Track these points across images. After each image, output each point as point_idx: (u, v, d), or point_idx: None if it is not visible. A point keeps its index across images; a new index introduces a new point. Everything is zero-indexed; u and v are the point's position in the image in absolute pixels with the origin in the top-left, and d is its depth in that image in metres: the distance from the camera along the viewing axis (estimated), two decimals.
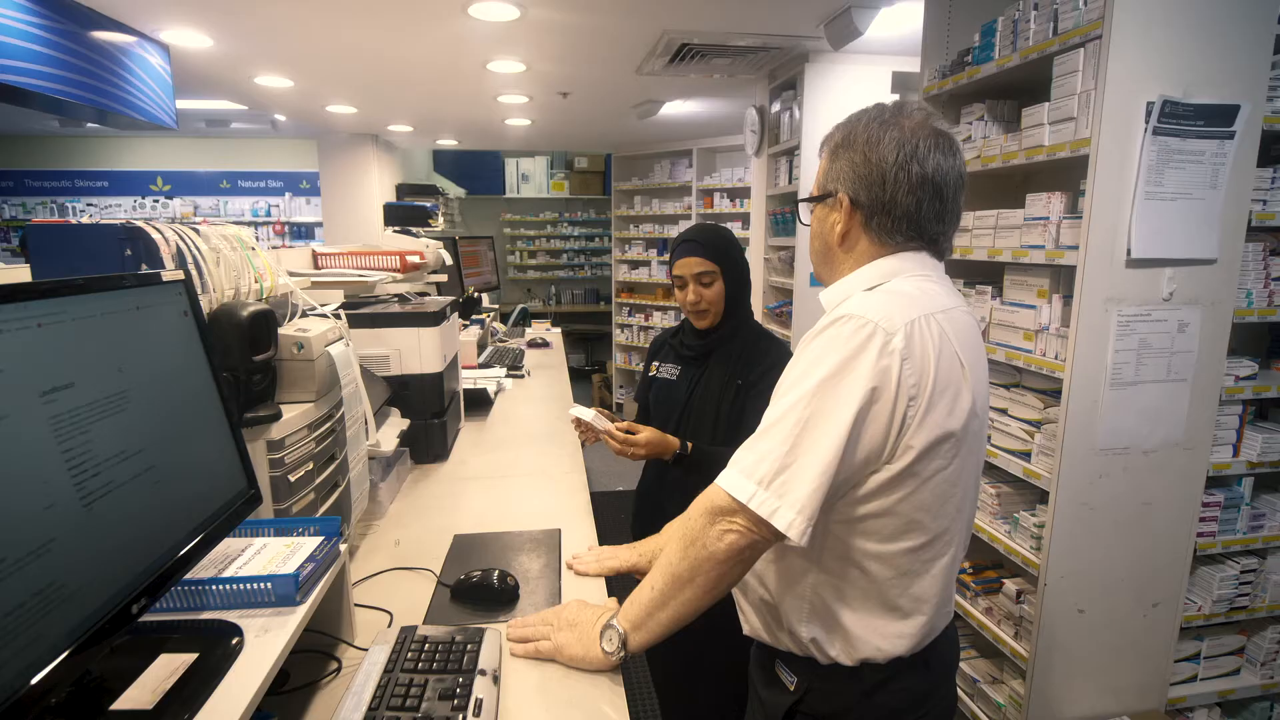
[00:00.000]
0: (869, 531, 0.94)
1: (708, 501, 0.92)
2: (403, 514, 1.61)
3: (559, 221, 7.68)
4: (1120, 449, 1.61)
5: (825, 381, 0.86)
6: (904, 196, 0.94)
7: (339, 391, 1.28)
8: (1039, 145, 1.62)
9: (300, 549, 1.02)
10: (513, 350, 3.47)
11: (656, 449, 1.54)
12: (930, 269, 0.99)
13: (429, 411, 1.90)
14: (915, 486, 0.90)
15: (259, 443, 1.10)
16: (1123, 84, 1.43)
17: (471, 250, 4.11)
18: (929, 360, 0.87)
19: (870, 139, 0.96)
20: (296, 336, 1.18)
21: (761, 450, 0.88)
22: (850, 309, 0.89)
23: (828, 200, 1.01)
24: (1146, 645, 1.78)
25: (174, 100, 2.63)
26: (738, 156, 5.36)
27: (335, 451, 1.31)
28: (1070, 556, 1.66)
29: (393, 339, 1.83)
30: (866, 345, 0.86)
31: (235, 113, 5.08)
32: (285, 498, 1.13)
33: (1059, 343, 1.61)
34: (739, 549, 0.90)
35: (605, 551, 1.34)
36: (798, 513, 0.85)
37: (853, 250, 1.00)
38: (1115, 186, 1.47)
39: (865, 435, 0.87)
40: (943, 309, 0.93)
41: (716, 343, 1.67)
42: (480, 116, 4.52)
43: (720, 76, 3.37)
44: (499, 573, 1.24)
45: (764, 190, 3.52)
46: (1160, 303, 1.56)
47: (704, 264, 1.62)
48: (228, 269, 1.13)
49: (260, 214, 6.98)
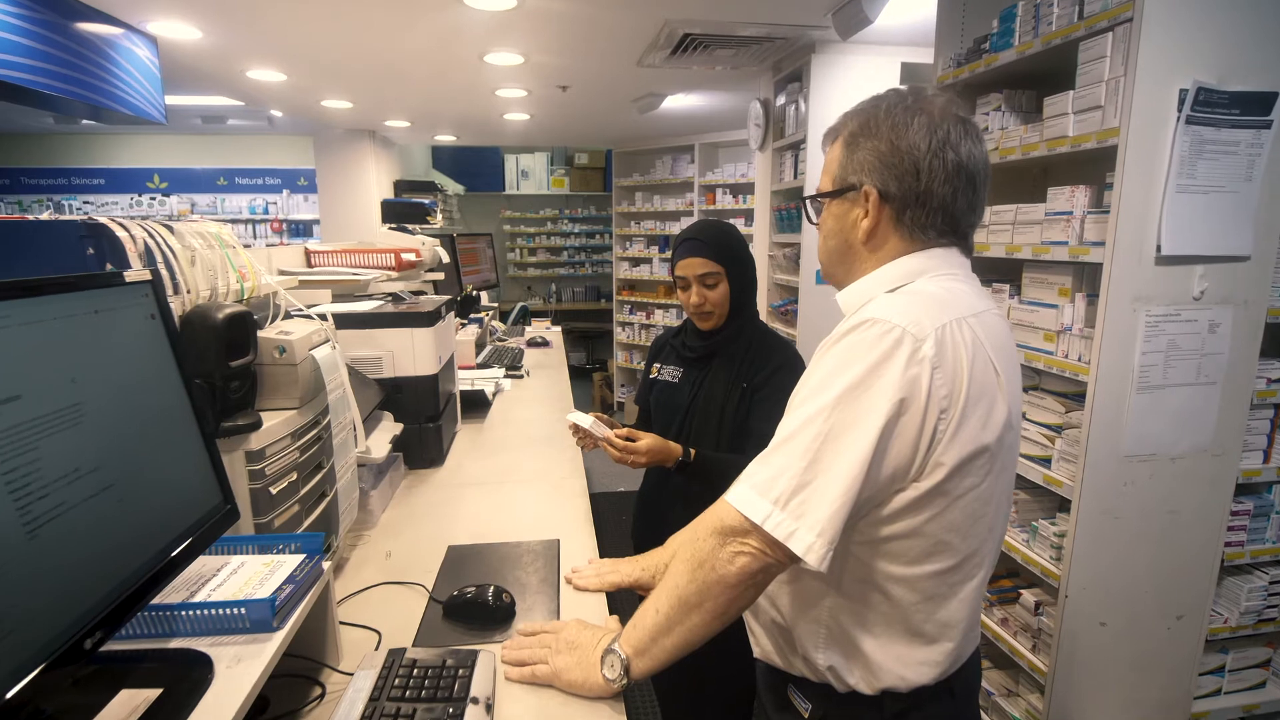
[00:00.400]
0: (893, 554, 0.87)
1: (717, 520, 0.85)
2: (395, 523, 1.54)
3: (559, 218, 7.61)
4: (1146, 455, 1.54)
5: (848, 392, 0.79)
6: (940, 186, 0.87)
7: (325, 397, 1.21)
8: (1062, 136, 1.55)
9: (280, 568, 0.95)
10: (512, 349, 3.40)
11: (658, 456, 1.47)
12: (958, 267, 0.92)
13: (423, 415, 1.83)
14: (945, 505, 0.83)
15: (237, 454, 1.03)
16: (1154, 70, 1.36)
17: (470, 247, 4.04)
18: (961, 368, 0.80)
19: (896, 125, 0.88)
20: (278, 340, 1.11)
21: (777, 465, 0.81)
22: (874, 312, 0.82)
23: (848, 194, 0.92)
24: (1170, 659, 1.71)
25: (163, 94, 2.56)
26: (740, 151, 5.28)
27: (322, 460, 1.25)
28: (1092, 568, 1.59)
29: (385, 340, 1.76)
30: (893, 352, 0.78)
31: (231, 109, 5.01)
32: (266, 511, 1.07)
33: (1082, 344, 1.54)
34: (751, 573, 0.82)
35: (606, 565, 1.27)
36: (817, 536, 0.77)
37: (879, 248, 0.92)
38: (1145, 179, 1.40)
39: (891, 451, 0.79)
40: (974, 312, 0.85)
41: (720, 344, 1.59)
42: (478, 111, 4.44)
43: (723, 69, 3.30)
44: (494, 589, 1.17)
45: (768, 186, 3.44)
46: (1190, 302, 1.48)
47: (708, 265, 1.54)
48: (204, 268, 1.06)
49: (258, 211, 6.92)
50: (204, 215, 6.79)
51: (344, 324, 1.73)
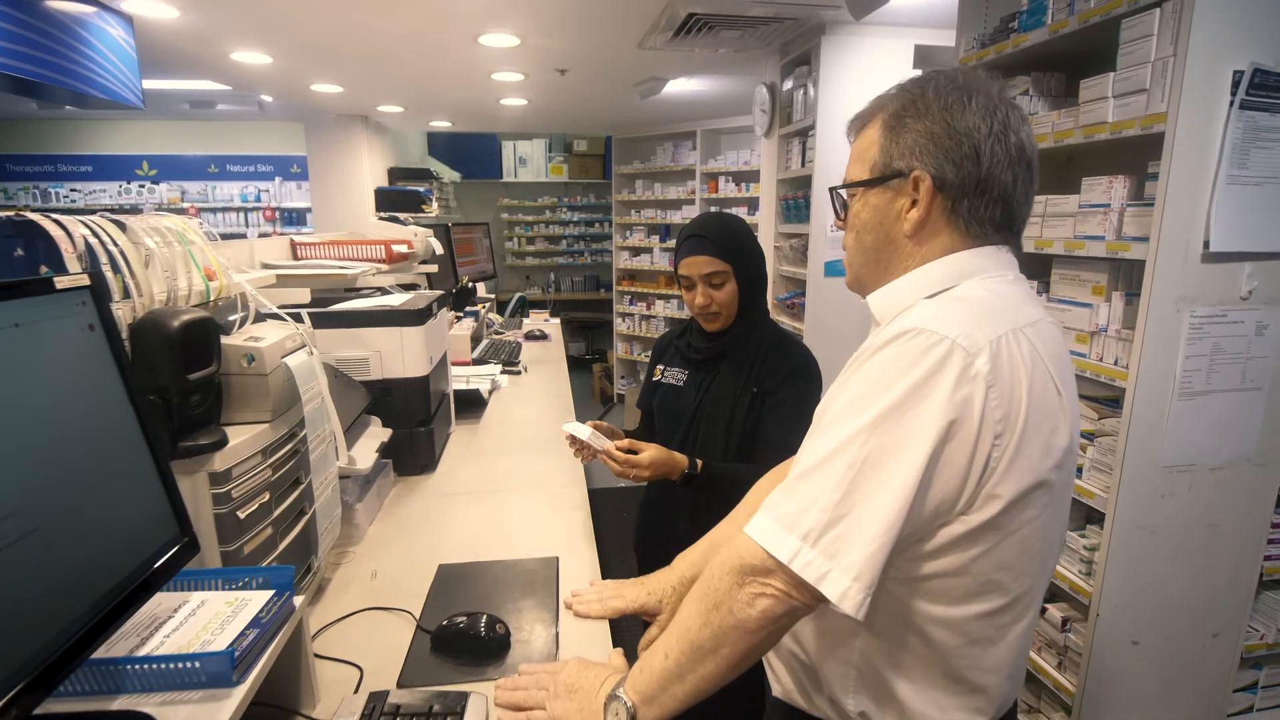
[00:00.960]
0: (935, 593, 0.77)
1: (735, 558, 0.74)
2: (383, 538, 1.44)
3: (558, 206, 7.47)
4: (1186, 466, 1.44)
5: (890, 412, 0.68)
6: (1003, 172, 0.77)
7: (300, 408, 1.10)
8: (1101, 122, 1.43)
9: (246, 607, 0.85)
10: (509, 344, 3.29)
11: (662, 469, 1.37)
12: (1008, 267, 0.81)
13: (414, 419, 1.73)
14: (997, 541, 0.73)
15: (199, 476, 0.92)
16: (1207, 50, 1.24)
17: (466, 237, 3.91)
18: (1019, 388, 0.70)
19: (950, 105, 0.77)
20: (246, 347, 1.01)
21: (806, 496, 0.71)
22: (918, 320, 0.71)
23: (892, 182, 0.81)
24: (1203, 677, 1.62)
25: (140, 78, 2.42)
26: (743, 138, 5.14)
27: (299, 476, 1.14)
28: (1126, 584, 1.49)
29: (372, 340, 1.65)
30: (942, 368, 0.68)
31: (219, 93, 4.87)
32: (234, 538, 0.96)
33: (1119, 346, 1.43)
34: (774, 617, 0.72)
35: (609, 588, 1.17)
36: (854, 579, 0.67)
37: (926, 244, 0.81)
38: (1193, 170, 1.29)
39: (938, 481, 0.69)
40: (1030, 321, 0.75)
41: (728, 345, 1.48)
42: (474, 96, 4.30)
43: (728, 51, 3.16)
44: (487, 618, 1.07)
45: (774, 174, 3.32)
46: (1237, 302, 1.37)
47: (713, 263, 1.42)
48: (161, 269, 0.95)
49: (250, 199, 6.78)
50: (194, 204, 6.65)
51: (327, 323, 1.62)
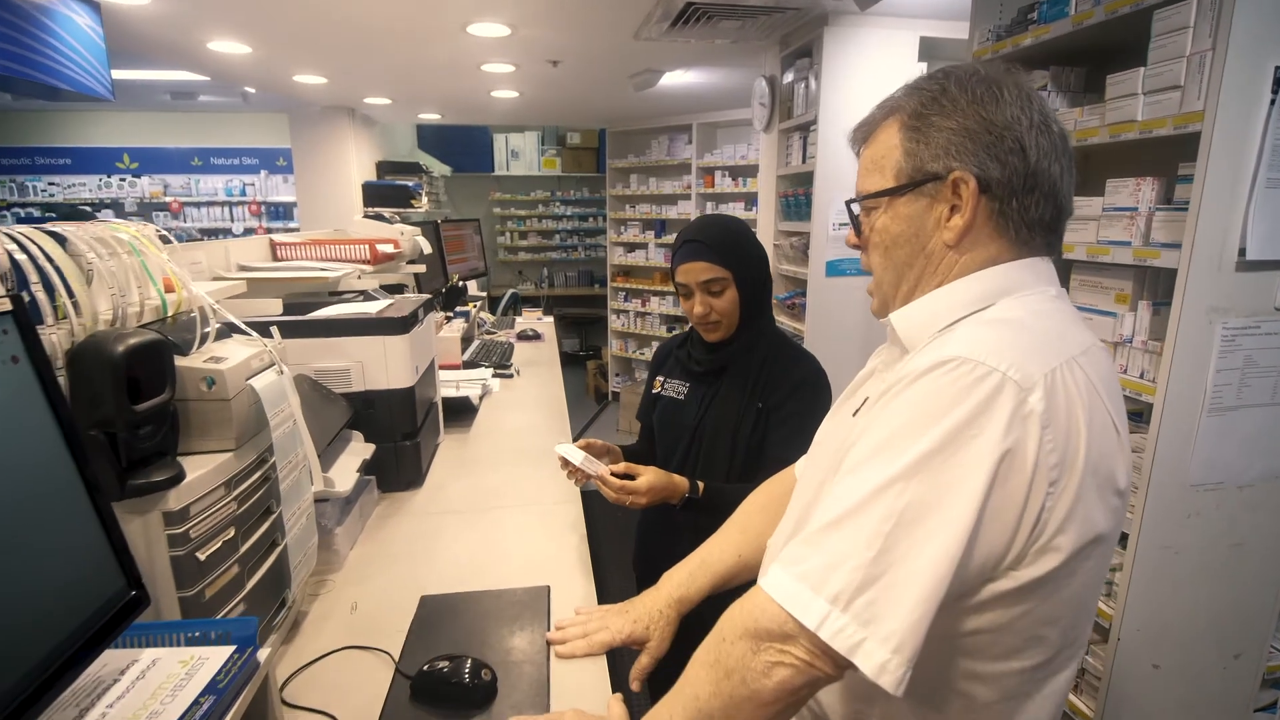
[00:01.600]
0: (972, 650, 0.68)
1: (750, 620, 0.66)
2: (365, 563, 1.35)
3: (551, 201, 7.35)
4: (1214, 485, 1.37)
5: (931, 457, 0.60)
6: (1050, 165, 0.69)
7: (269, 434, 1.01)
8: (1129, 120, 1.35)
9: (202, 668, 0.75)
10: (501, 344, 3.19)
11: (661, 495, 1.28)
12: (1049, 282, 0.73)
13: (399, 433, 1.63)
14: (1047, 596, 0.65)
15: (152, 516, 0.83)
16: (1248, 44, 1.16)
17: (456, 235, 3.81)
18: (1077, 427, 0.61)
19: (979, 96, 0.69)
20: (205, 370, 0.91)
21: (834, 551, 0.62)
22: (962, 349, 0.62)
23: (926, 188, 0.72)
24: (1224, 700, 1.55)
25: (109, 68, 2.30)
26: (740, 132, 5.04)
27: (269, 506, 1.05)
28: (1149, 607, 1.42)
29: (353, 350, 1.56)
30: (991, 406, 0.59)
31: (200, 84, 4.73)
32: (193, 581, 0.87)
33: (1146, 359, 1.36)
34: (793, 688, 0.64)
35: (594, 620, 1.08)
36: (893, 652, 0.59)
37: (966, 254, 0.72)
38: (1231, 172, 1.21)
39: (986, 535, 0.61)
40: (1083, 349, 0.66)
41: (731, 357, 1.40)
42: (464, 88, 4.18)
43: (726, 43, 3.06)
44: (472, 663, 0.98)
45: (774, 169, 3.23)
46: (1271, 313, 1.30)
47: (712, 269, 1.33)
48: (106, 284, 0.85)
49: (235, 193, 6.64)
50: (177, 198, 6.50)
51: (304, 332, 1.53)
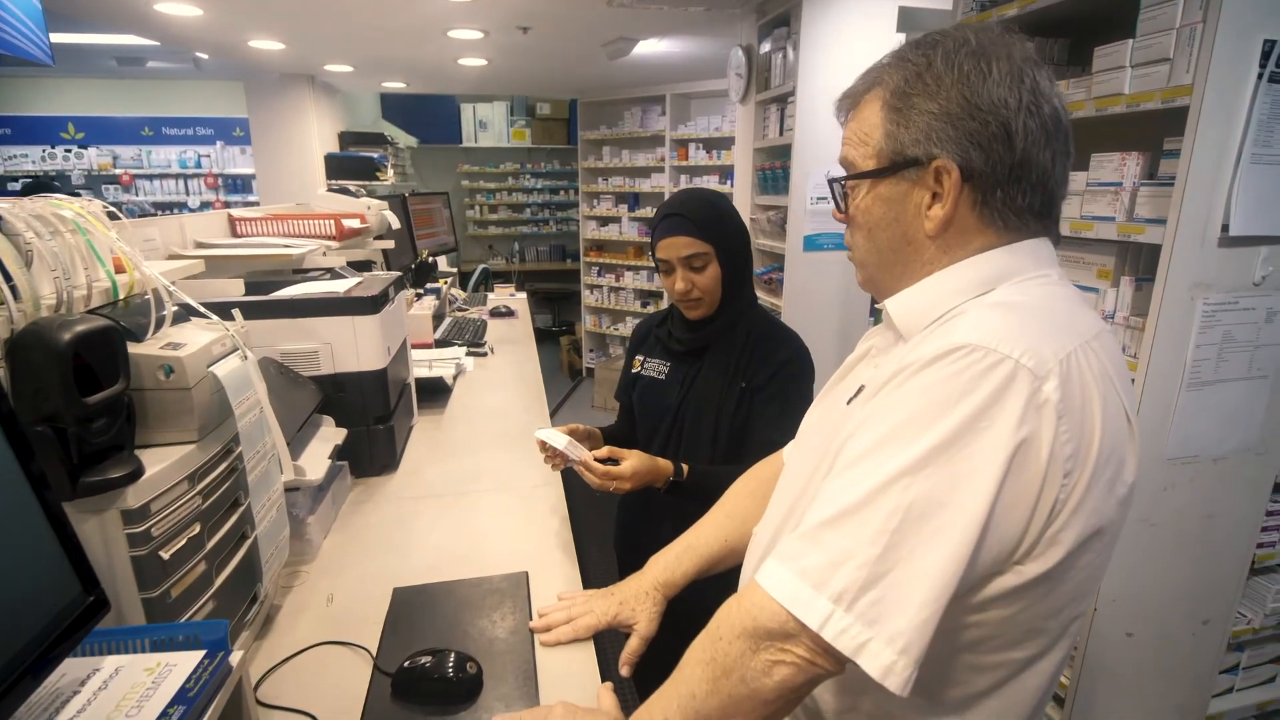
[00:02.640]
0: (974, 644, 0.67)
1: (748, 619, 0.63)
2: (340, 553, 1.30)
3: (521, 173, 7.20)
4: (1189, 458, 1.39)
5: (940, 449, 0.57)
6: (1040, 152, 0.65)
7: (234, 423, 0.95)
8: (1116, 94, 1.33)
9: (170, 675, 0.71)
10: (474, 322, 3.12)
11: (645, 479, 1.25)
12: (1049, 264, 0.70)
13: (372, 416, 1.58)
14: (1050, 590, 0.63)
15: (109, 515, 0.77)
16: (1238, 16, 1.14)
17: (424, 209, 3.70)
18: (1092, 416, 0.59)
19: (967, 74, 0.65)
20: (162, 357, 0.85)
21: (837, 548, 0.60)
22: (971, 334, 0.60)
23: (907, 172, 0.69)
24: (1193, 664, 1.60)
25: (47, 30, 2.15)
26: (715, 103, 4.97)
27: (237, 498, 1.00)
28: (1125, 578, 1.45)
29: (321, 331, 1.49)
30: (1004, 395, 0.57)
31: (148, 49, 4.49)
32: (157, 582, 0.82)
33: (1129, 335, 1.36)
34: (793, 687, 0.62)
35: (578, 604, 1.06)
36: (900, 653, 0.57)
37: (954, 245, 0.69)
38: (1217, 147, 1.20)
39: (996, 531, 0.59)
40: (1094, 333, 0.64)
41: (713, 335, 1.37)
42: (429, 55, 4.02)
43: (702, 10, 2.98)
44: (455, 656, 0.95)
45: (751, 142, 3.18)
46: (1250, 288, 1.31)
47: (693, 244, 1.30)
48: (49, 265, 0.78)
49: (189, 165, 6.36)
50: (128, 170, 6.20)
51: (269, 313, 1.45)
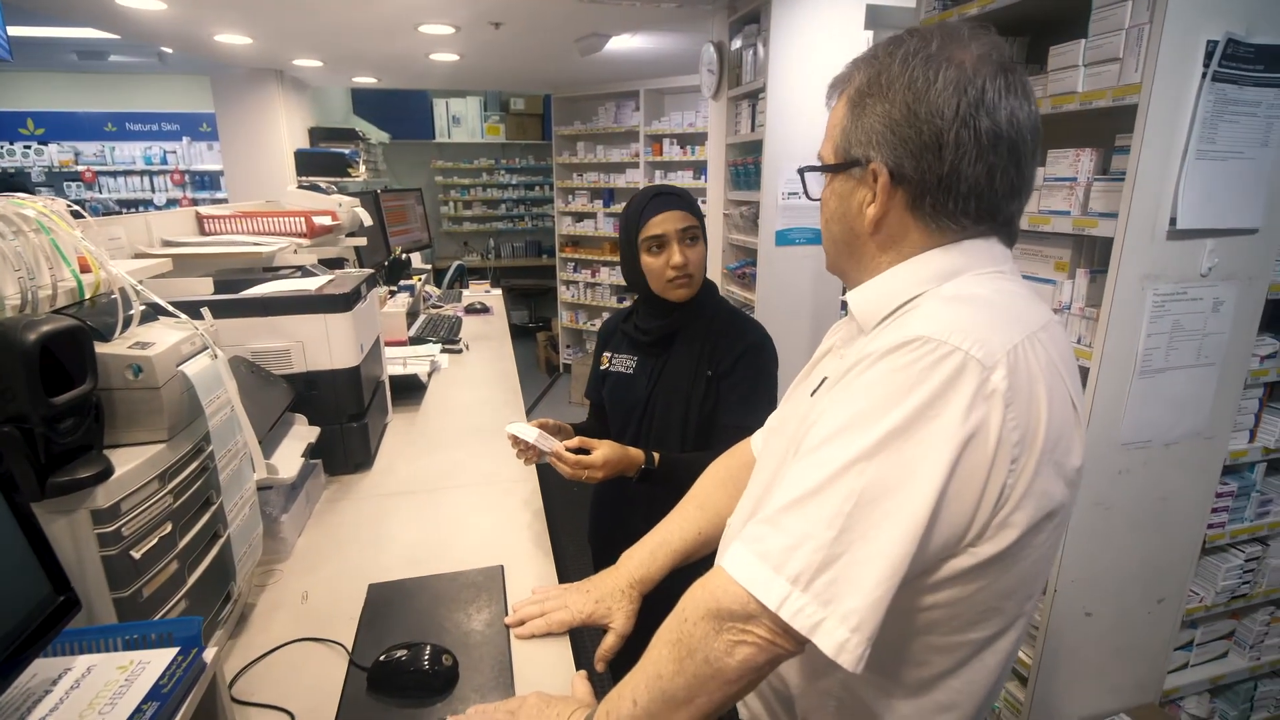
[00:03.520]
0: (929, 624, 0.70)
1: (711, 599, 0.65)
2: (314, 551, 1.30)
3: (495, 169, 7.16)
4: (1142, 443, 1.45)
5: (893, 437, 0.60)
6: (970, 166, 0.67)
7: (205, 422, 0.95)
8: (1070, 92, 1.38)
9: (144, 672, 0.71)
10: (449, 319, 3.11)
11: (617, 468, 1.28)
12: (1002, 261, 0.73)
13: (345, 414, 1.58)
14: (1003, 571, 0.67)
15: (79, 515, 0.78)
16: (1182, 17, 1.19)
17: (397, 205, 3.67)
18: (1038, 405, 0.62)
19: (915, 82, 0.67)
20: (130, 356, 0.85)
21: (795, 531, 0.62)
22: (924, 327, 0.62)
23: (852, 170, 0.72)
24: (1149, 642, 1.67)
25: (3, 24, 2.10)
26: (688, 99, 4.99)
27: (209, 497, 1.00)
28: (1083, 560, 1.51)
29: (293, 329, 1.48)
30: (954, 385, 0.60)
31: (110, 43, 4.38)
32: (129, 581, 0.82)
33: (1084, 325, 1.41)
34: (755, 666, 0.64)
35: (551, 599, 1.08)
36: (853, 631, 0.59)
37: (891, 240, 0.72)
38: (1164, 143, 1.25)
39: (946, 514, 0.61)
40: (1042, 324, 0.67)
41: (684, 319, 1.40)
42: (400, 50, 3.99)
43: (673, 6, 3.00)
44: (431, 649, 0.96)
45: (723, 138, 3.20)
46: (1197, 279, 1.36)
47: (688, 218, 1.35)
48: (12, 265, 0.78)
49: (155, 161, 6.22)
50: (90, 166, 6.05)
51: (239, 311, 1.44)
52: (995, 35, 0.72)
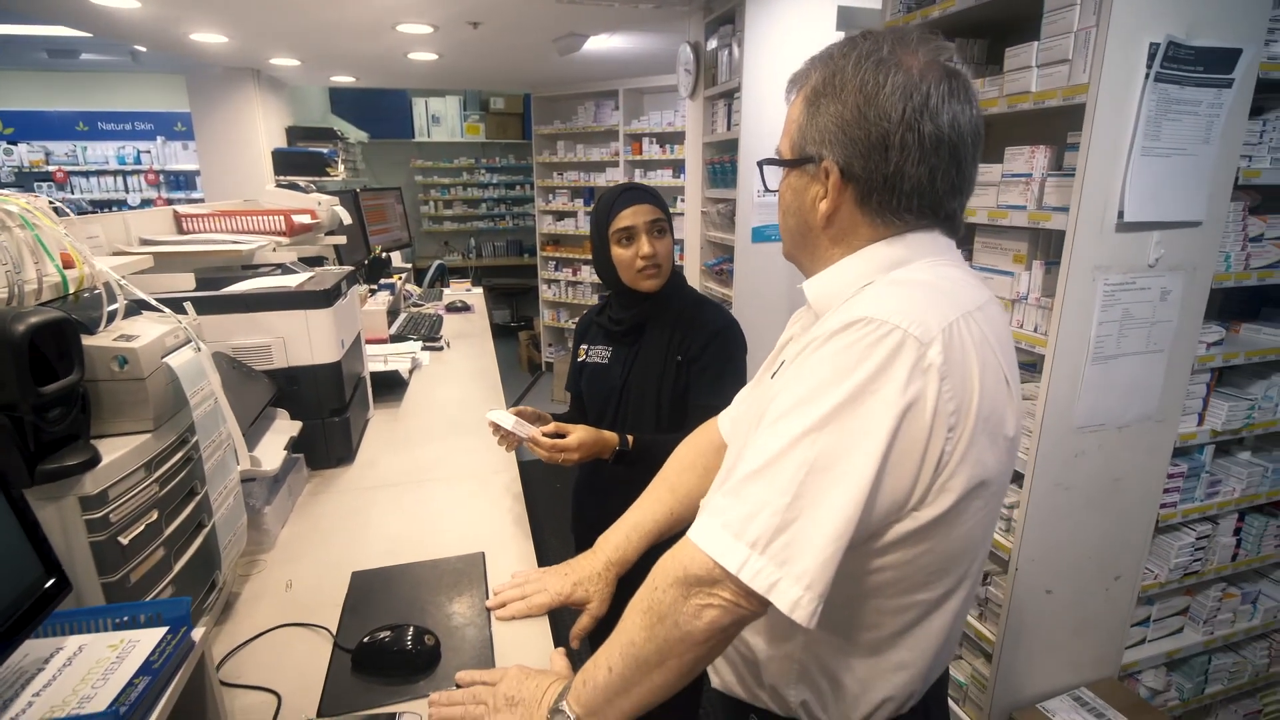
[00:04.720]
0: (880, 586, 0.75)
1: (679, 568, 0.70)
2: (297, 541, 1.33)
3: (475, 168, 7.15)
4: (1096, 426, 1.51)
5: (838, 410, 0.65)
6: (914, 167, 0.71)
7: (189, 413, 0.98)
8: (1024, 91, 1.44)
9: (134, 650, 0.74)
10: (429, 317, 3.13)
11: (592, 450, 1.32)
12: (945, 251, 0.79)
13: (326, 409, 1.60)
14: (945, 533, 0.72)
15: (68, 501, 0.80)
16: (1127, 21, 1.25)
17: (377, 204, 3.68)
18: (972, 378, 0.68)
19: (865, 85, 0.71)
20: (116, 348, 0.87)
21: (754, 499, 0.67)
22: (867, 309, 0.67)
23: (806, 166, 0.77)
24: (1107, 619, 1.74)
25: None
26: (667, 98, 5.03)
27: (194, 487, 1.02)
28: (1042, 539, 1.57)
29: (274, 325, 1.51)
30: (893, 360, 0.65)
31: (81, 41, 4.33)
32: (117, 566, 0.85)
33: (1039, 314, 1.48)
34: (721, 627, 0.69)
35: (531, 583, 1.12)
36: (805, 589, 0.64)
37: (842, 234, 0.77)
38: (1111, 141, 1.31)
39: (889, 480, 0.67)
40: (978, 304, 0.73)
41: (654, 307, 1.45)
42: (378, 49, 3.99)
43: (650, 7, 3.04)
44: (414, 630, 1.00)
45: (700, 136, 3.25)
46: (1145, 269, 1.43)
47: (655, 211, 1.42)
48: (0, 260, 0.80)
49: (128, 161, 6.14)
50: (61, 167, 5.96)
51: (220, 308, 1.47)
52: (943, 40, 0.77)
